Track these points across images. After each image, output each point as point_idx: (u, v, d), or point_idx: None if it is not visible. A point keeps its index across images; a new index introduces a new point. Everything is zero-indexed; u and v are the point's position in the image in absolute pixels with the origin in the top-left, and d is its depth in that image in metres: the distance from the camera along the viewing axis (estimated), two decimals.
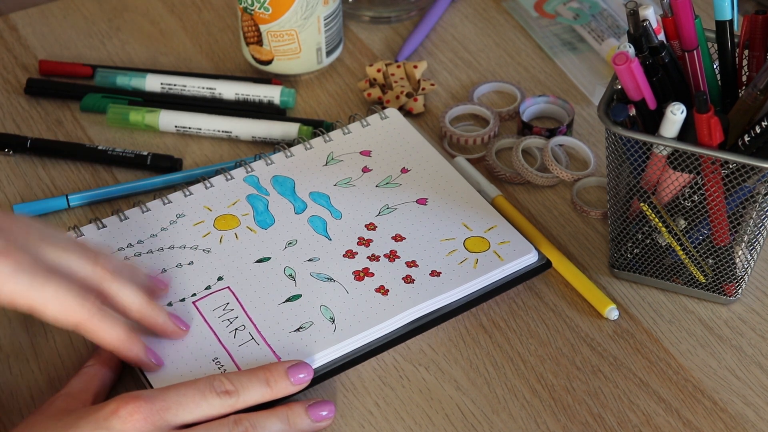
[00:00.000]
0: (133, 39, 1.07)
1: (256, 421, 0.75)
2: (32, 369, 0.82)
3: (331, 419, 0.78)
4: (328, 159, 0.93)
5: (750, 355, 0.83)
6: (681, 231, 0.82)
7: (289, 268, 0.85)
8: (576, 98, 1.01)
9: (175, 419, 0.74)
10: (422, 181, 0.91)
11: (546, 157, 0.94)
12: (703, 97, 0.75)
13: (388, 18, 1.09)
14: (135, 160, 0.95)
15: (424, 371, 0.82)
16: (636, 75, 0.78)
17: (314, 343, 0.80)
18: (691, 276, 0.85)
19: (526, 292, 0.86)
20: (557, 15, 1.08)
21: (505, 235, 0.87)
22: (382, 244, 0.86)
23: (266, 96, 1.00)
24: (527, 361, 0.82)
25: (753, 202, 0.80)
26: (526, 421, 0.79)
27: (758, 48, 0.81)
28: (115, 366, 0.80)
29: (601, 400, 0.80)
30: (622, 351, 0.83)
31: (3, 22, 1.09)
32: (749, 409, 0.80)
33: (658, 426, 0.78)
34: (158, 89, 1.01)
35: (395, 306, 0.82)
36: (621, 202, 0.83)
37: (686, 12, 0.80)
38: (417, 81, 1.02)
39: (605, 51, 1.04)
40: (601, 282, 0.87)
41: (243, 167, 0.92)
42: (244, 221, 0.88)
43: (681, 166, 0.79)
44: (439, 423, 0.79)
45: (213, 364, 0.79)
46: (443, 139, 0.98)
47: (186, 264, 0.85)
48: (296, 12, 0.98)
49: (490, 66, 1.05)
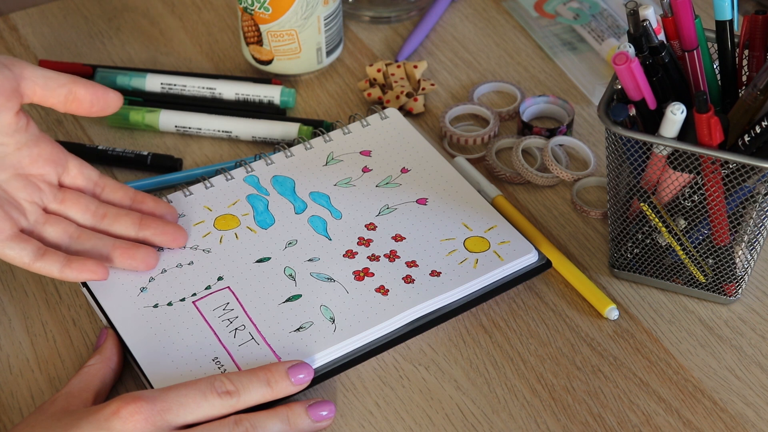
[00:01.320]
0: (133, 39, 1.07)
1: (257, 422, 0.75)
2: (32, 369, 0.82)
3: (331, 419, 0.78)
4: (328, 159, 0.93)
5: (750, 355, 0.83)
6: (681, 231, 0.82)
7: (289, 268, 0.85)
8: (576, 98, 1.01)
9: (176, 420, 0.74)
10: (422, 181, 0.91)
11: (546, 157, 0.94)
12: (703, 97, 0.75)
13: (388, 18, 1.09)
14: (135, 160, 0.95)
15: (424, 371, 0.82)
16: (636, 75, 0.78)
17: (314, 343, 0.80)
18: (691, 276, 0.85)
19: (526, 292, 0.86)
20: (557, 15, 1.08)
21: (505, 235, 0.87)
22: (382, 244, 0.86)
23: (266, 96, 1.00)
24: (527, 361, 0.82)
25: (753, 202, 0.80)
26: (526, 421, 0.79)
27: (758, 48, 0.81)
28: (116, 365, 0.80)
29: (601, 400, 0.80)
30: (622, 351, 0.83)
31: (3, 22, 1.09)
32: (749, 409, 0.80)
33: (658, 426, 0.78)
34: (158, 89, 1.01)
35: (395, 306, 0.82)
36: (621, 202, 0.83)
37: (686, 12, 0.80)
38: (417, 81, 1.02)
39: (605, 51, 1.04)
40: (601, 282, 0.87)
41: (243, 167, 0.92)
42: (244, 221, 0.88)
43: (681, 166, 0.79)
44: (439, 423, 0.79)
45: (213, 363, 0.79)
46: (443, 139, 0.98)
47: (186, 264, 0.85)
48: (296, 12, 0.98)
49: (490, 66, 1.05)
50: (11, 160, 0.82)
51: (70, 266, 0.81)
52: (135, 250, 0.84)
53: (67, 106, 0.83)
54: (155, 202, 0.87)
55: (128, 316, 0.82)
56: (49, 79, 0.82)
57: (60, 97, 0.82)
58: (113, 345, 0.81)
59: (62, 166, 0.85)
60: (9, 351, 0.83)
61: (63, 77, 0.82)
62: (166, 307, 0.83)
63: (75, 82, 0.82)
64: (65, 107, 0.83)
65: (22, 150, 0.82)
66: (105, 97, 0.84)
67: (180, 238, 0.86)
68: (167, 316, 0.82)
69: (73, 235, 0.83)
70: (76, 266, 0.81)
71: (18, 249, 0.80)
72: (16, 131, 0.82)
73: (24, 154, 0.82)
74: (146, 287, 0.84)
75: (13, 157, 0.82)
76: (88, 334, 0.84)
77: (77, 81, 0.83)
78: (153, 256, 0.84)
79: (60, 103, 0.83)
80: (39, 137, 0.83)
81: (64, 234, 0.83)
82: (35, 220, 0.82)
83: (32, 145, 0.83)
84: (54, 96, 0.82)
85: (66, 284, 0.87)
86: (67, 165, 0.85)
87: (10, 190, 0.82)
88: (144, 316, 0.82)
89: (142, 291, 0.83)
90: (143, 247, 0.84)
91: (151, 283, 0.84)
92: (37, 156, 0.83)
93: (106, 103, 0.84)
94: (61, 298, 0.86)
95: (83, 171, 0.86)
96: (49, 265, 0.81)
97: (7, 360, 0.82)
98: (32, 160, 0.83)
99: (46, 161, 0.83)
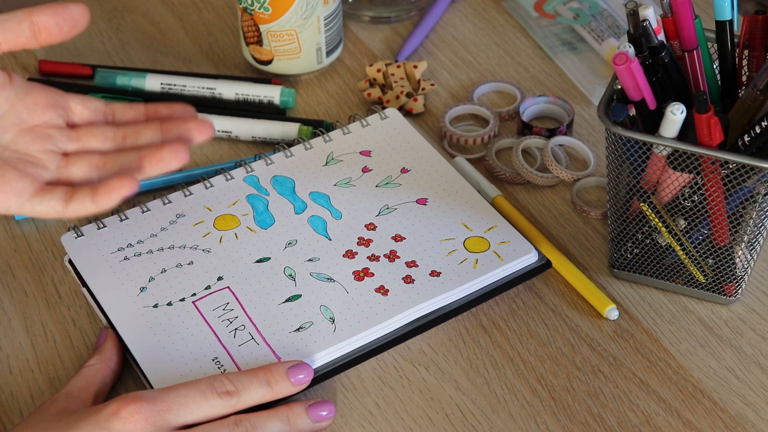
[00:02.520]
0: (133, 39, 1.07)
1: (257, 422, 0.75)
2: (32, 369, 0.82)
3: (331, 419, 0.78)
4: (328, 159, 0.93)
5: (750, 355, 0.83)
6: (681, 231, 0.82)
7: (289, 268, 0.85)
8: (576, 98, 1.01)
9: (176, 420, 0.74)
10: (422, 181, 0.91)
11: (546, 157, 0.94)
12: (703, 97, 0.75)
13: (388, 18, 1.09)
14: None
15: (424, 371, 0.82)
16: (636, 75, 0.78)
17: (314, 343, 0.80)
18: (691, 276, 0.85)
19: (526, 292, 0.86)
20: (557, 15, 1.08)
21: (505, 235, 0.87)
22: (382, 244, 0.86)
23: (266, 96, 1.00)
24: (527, 361, 0.82)
25: (753, 202, 0.80)
26: (526, 421, 0.79)
27: (758, 48, 0.81)
28: (116, 365, 0.80)
29: (601, 400, 0.80)
30: (622, 351, 0.83)
31: None
32: (749, 409, 0.80)
33: (658, 426, 0.78)
34: (158, 89, 1.01)
35: (395, 306, 0.82)
36: (621, 202, 0.83)
37: (686, 12, 0.80)
38: (417, 81, 1.02)
39: (605, 51, 1.04)
40: (601, 282, 0.87)
41: (243, 167, 0.92)
42: (244, 221, 0.88)
43: (681, 166, 0.79)
44: (439, 423, 0.79)
45: (213, 363, 0.79)
46: (443, 139, 0.98)
47: (186, 264, 0.85)
48: (296, 12, 0.98)
49: (490, 66, 1.05)
50: (10, 119, 0.79)
51: (98, 194, 0.76)
52: (161, 152, 0.78)
53: (39, 40, 0.78)
54: (168, 107, 0.83)
55: (128, 316, 0.82)
56: (6, 22, 0.77)
57: (25, 33, 0.78)
58: (113, 345, 0.81)
59: (63, 108, 0.81)
60: (9, 351, 0.83)
61: (17, 13, 0.78)
62: (165, 307, 0.83)
63: (31, 12, 0.78)
64: (38, 42, 0.78)
65: (16, 105, 0.79)
66: (68, 13, 0.79)
67: (206, 128, 0.80)
68: (167, 316, 0.82)
69: (99, 164, 0.79)
70: (103, 191, 0.76)
71: (46, 201, 0.77)
72: (0, 89, 0.79)
73: (20, 108, 0.79)
74: (146, 287, 0.84)
75: (10, 115, 0.79)
76: (88, 334, 0.84)
77: (33, 10, 0.78)
78: (182, 149, 0.78)
79: (30, 40, 0.78)
80: (28, 87, 0.80)
81: (90, 167, 0.79)
82: (57, 166, 0.79)
83: (24, 97, 0.80)
84: (18, 36, 0.78)
85: (66, 284, 0.87)
86: (69, 104, 0.81)
87: (20, 147, 0.79)
88: (144, 316, 0.82)
89: (141, 291, 0.83)
90: (167, 145, 0.78)
91: (151, 283, 0.84)
92: (34, 105, 0.80)
93: (72, 19, 0.79)
94: (61, 298, 0.86)
95: (87, 104, 0.82)
96: (79, 204, 0.76)
97: (7, 360, 0.82)
98: (30, 111, 0.80)
99: (45, 108, 0.80)
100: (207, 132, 0.80)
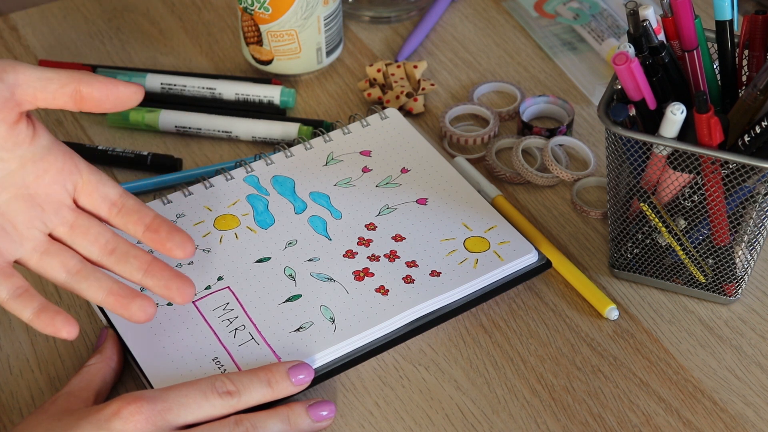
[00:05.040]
0: (133, 39, 1.07)
1: (257, 422, 0.75)
2: (32, 369, 0.82)
3: (331, 419, 0.78)
4: (328, 159, 0.93)
5: (750, 355, 0.83)
6: (681, 231, 0.82)
7: (289, 268, 0.85)
8: (576, 98, 1.01)
9: (176, 420, 0.74)
10: (422, 181, 0.91)
11: (546, 157, 0.94)
12: (703, 97, 0.75)
13: (388, 18, 1.09)
14: (135, 160, 0.95)
15: (424, 371, 0.82)
16: (636, 75, 0.78)
17: (314, 343, 0.80)
18: (691, 276, 0.85)
19: (526, 292, 0.86)
20: (557, 15, 1.08)
21: (505, 235, 0.87)
22: (382, 244, 0.86)
23: (266, 96, 1.00)
24: (527, 361, 0.82)
25: (753, 202, 0.80)
26: (526, 421, 0.79)
27: (758, 48, 0.81)
28: (116, 365, 0.80)
29: (601, 400, 0.80)
30: (622, 351, 0.83)
31: (3, 22, 1.09)
32: (749, 409, 0.80)
33: (658, 426, 0.78)
34: (158, 89, 1.01)
35: (395, 306, 0.82)
36: (621, 202, 0.83)
37: (686, 12, 0.80)
38: (417, 81, 1.02)
39: (605, 51, 1.04)
40: (601, 282, 0.87)
41: (243, 167, 0.92)
42: (244, 221, 0.88)
43: (681, 166, 0.79)
44: (439, 423, 0.79)
45: (213, 363, 0.79)
46: (443, 139, 0.98)
47: (186, 264, 0.85)
48: (296, 12, 0.98)
49: (490, 66, 1.05)
50: (14, 179, 0.75)
51: (39, 316, 0.74)
52: (130, 302, 0.77)
53: (80, 105, 0.75)
54: (169, 233, 0.79)
55: None
56: (49, 82, 0.74)
57: (66, 97, 0.74)
58: (113, 345, 0.80)
59: (73, 183, 0.77)
60: (9, 351, 0.83)
61: (64, 76, 0.74)
62: (165, 307, 0.83)
63: (80, 81, 0.74)
64: (78, 107, 0.75)
65: (26, 166, 0.75)
66: (121, 92, 0.75)
67: (186, 293, 0.79)
68: (167, 316, 0.82)
69: (71, 270, 0.76)
70: (45, 317, 0.74)
71: None
72: (17, 145, 0.74)
73: (29, 171, 0.75)
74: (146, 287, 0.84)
75: (17, 176, 0.75)
76: (88, 334, 0.84)
77: (82, 79, 0.74)
78: (149, 309, 0.77)
79: (70, 104, 0.75)
80: (49, 149, 0.76)
81: (62, 269, 0.76)
82: (33, 248, 0.76)
83: (38, 160, 0.75)
84: (58, 98, 0.74)
85: None
86: (81, 181, 0.77)
87: (9, 213, 0.75)
88: None
89: (141, 291, 0.83)
90: (139, 299, 0.77)
91: None
92: (44, 172, 0.75)
93: (122, 99, 0.75)
94: (61, 299, 0.86)
95: (99, 189, 0.78)
96: (21, 308, 0.74)
97: (7, 360, 0.82)
98: (37, 178, 0.75)
99: (54, 178, 0.76)
100: (185, 298, 0.79)
